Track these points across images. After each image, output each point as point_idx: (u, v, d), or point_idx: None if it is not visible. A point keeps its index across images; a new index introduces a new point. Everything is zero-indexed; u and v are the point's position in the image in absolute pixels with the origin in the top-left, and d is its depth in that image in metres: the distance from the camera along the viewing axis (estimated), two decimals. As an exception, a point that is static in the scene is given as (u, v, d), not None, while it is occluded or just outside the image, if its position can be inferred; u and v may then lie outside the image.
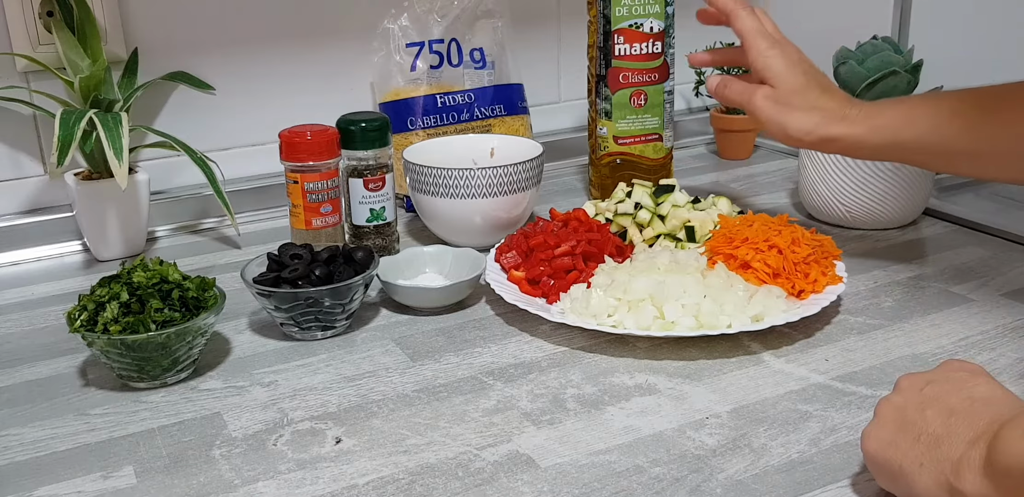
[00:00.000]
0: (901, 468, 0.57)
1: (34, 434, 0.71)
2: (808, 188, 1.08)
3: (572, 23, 1.31)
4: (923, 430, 0.57)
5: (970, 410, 0.56)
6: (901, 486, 0.58)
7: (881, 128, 0.83)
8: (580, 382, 0.77)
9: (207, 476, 0.66)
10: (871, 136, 0.83)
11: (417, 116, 1.14)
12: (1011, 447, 0.50)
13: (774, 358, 0.80)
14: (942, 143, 0.82)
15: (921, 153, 0.83)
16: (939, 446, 0.56)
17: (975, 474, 0.53)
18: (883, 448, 0.59)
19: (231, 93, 1.15)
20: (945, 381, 0.60)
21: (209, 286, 0.79)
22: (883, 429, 0.59)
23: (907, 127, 0.82)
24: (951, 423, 0.56)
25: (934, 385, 0.59)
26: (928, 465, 0.56)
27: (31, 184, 1.09)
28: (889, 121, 0.83)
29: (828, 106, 0.84)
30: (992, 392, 0.58)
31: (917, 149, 0.83)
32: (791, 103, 0.85)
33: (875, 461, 0.60)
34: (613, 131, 1.11)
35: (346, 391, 0.76)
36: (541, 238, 0.91)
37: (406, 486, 0.64)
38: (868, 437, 0.60)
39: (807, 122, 0.84)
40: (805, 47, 0.89)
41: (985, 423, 0.54)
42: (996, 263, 0.97)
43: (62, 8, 0.99)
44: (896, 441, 0.58)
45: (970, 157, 0.82)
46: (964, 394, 0.58)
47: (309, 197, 0.95)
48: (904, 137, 0.82)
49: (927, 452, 0.56)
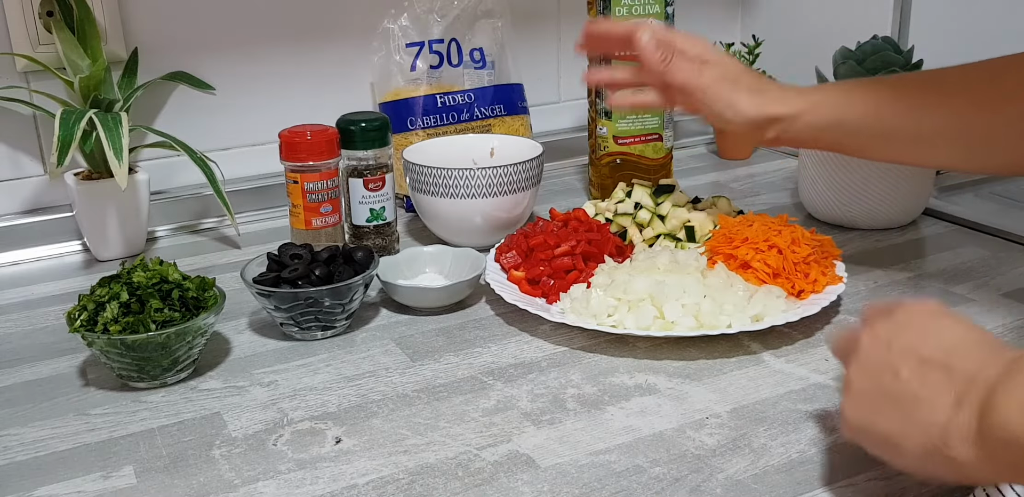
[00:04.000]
0: (887, 438, 0.56)
1: (34, 434, 0.71)
2: (808, 188, 1.08)
3: (572, 23, 1.31)
4: (901, 394, 0.55)
5: (946, 363, 0.54)
6: (889, 453, 0.56)
7: (820, 106, 0.82)
8: (580, 382, 0.77)
9: (207, 476, 0.66)
10: (810, 115, 0.82)
11: (417, 116, 1.14)
12: (1010, 421, 0.48)
13: (774, 358, 0.80)
14: (883, 125, 0.81)
15: (861, 136, 0.82)
16: (920, 408, 0.54)
17: (967, 443, 0.51)
18: (864, 423, 0.57)
19: (231, 93, 1.15)
20: (910, 330, 0.57)
21: (209, 286, 0.79)
22: (860, 402, 0.57)
23: (848, 107, 0.82)
24: (928, 381, 0.54)
25: (900, 337, 0.57)
26: (913, 431, 0.54)
27: (31, 184, 1.09)
28: (829, 100, 0.82)
29: (767, 89, 0.84)
30: (963, 334, 0.56)
31: (857, 131, 0.82)
32: (738, 81, 0.84)
33: (859, 438, 0.58)
34: (613, 131, 1.11)
35: (346, 391, 0.76)
36: (541, 238, 0.91)
37: (406, 486, 0.64)
38: (846, 416, 0.58)
39: (750, 101, 0.83)
40: (805, 47, 0.89)
41: (965, 379, 0.53)
42: (996, 263, 0.97)
43: (62, 8, 0.99)
44: (875, 411, 0.56)
45: (911, 140, 0.81)
46: (934, 343, 0.55)
47: (309, 197, 0.95)
48: (844, 117, 0.82)
49: (909, 417, 0.54)
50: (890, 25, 1.23)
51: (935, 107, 0.80)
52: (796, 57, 0.90)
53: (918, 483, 0.64)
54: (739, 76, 0.84)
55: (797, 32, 1.34)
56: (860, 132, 0.82)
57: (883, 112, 0.81)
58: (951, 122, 0.79)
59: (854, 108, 0.82)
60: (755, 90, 0.83)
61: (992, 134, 0.79)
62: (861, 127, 0.82)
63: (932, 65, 1.04)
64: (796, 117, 0.82)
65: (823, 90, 0.84)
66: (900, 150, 0.84)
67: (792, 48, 1.32)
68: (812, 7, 1.34)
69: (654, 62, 0.85)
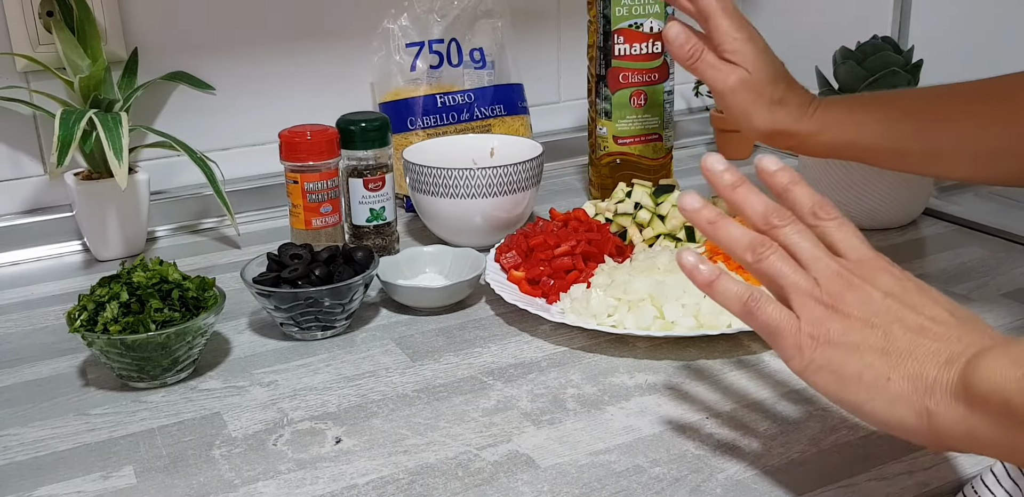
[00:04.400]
0: (860, 377, 0.54)
1: (34, 434, 0.71)
2: (808, 188, 1.07)
3: (572, 23, 1.31)
4: (890, 345, 0.54)
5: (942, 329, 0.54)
6: (850, 393, 0.54)
7: (834, 126, 0.82)
8: (580, 382, 0.77)
9: (207, 476, 0.66)
10: (823, 136, 0.83)
11: (417, 116, 1.14)
12: (993, 374, 0.48)
13: (774, 358, 0.80)
14: (895, 143, 0.81)
15: (873, 151, 0.83)
16: (907, 362, 0.53)
17: (948, 396, 0.51)
18: (843, 349, 0.55)
19: (231, 93, 1.15)
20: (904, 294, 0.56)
21: (209, 286, 0.79)
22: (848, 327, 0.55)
23: (860, 127, 0.82)
24: (920, 342, 0.54)
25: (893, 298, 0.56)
26: (896, 380, 0.53)
27: (31, 184, 1.09)
28: (842, 121, 0.82)
29: (792, 101, 0.83)
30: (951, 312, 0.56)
31: (869, 148, 0.83)
32: (762, 92, 0.82)
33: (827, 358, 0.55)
34: (613, 131, 1.11)
35: (346, 391, 0.76)
36: (541, 238, 0.91)
37: (406, 486, 0.64)
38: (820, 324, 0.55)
39: (771, 114, 0.83)
40: (805, 47, 0.89)
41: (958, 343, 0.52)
42: (996, 263, 0.97)
43: (62, 8, 0.99)
44: (859, 347, 0.54)
45: (922, 157, 0.82)
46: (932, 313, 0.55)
47: (309, 197, 0.95)
48: (857, 137, 0.82)
49: (895, 367, 0.53)
50: (890, 25, 1.23)
51: (947, 124, 0.80)
52: (796, 57, 0.90)
53: (918, 483, 0.64)
54: (763, 86, 0.82)
55: (797, 32, 1.34)
56: (874, 149, 0.83)
57: (895, 131, 0.81)
58: (964, 139, 0.80)
59: (866, 127, 0.82)
60: (775, 102, 0.82)
61: (1006, 149, 0.79)
62: (874, 145, 0.82)
63: (932, 65, 1.04)
64: (809, 136, 0.83)
65: (836, 108, 0.83)
66: (915, 164, 0.85)
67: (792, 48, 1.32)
68: (812, 7, 1.34)
69: (681, 59, 0.83)
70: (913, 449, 0.67)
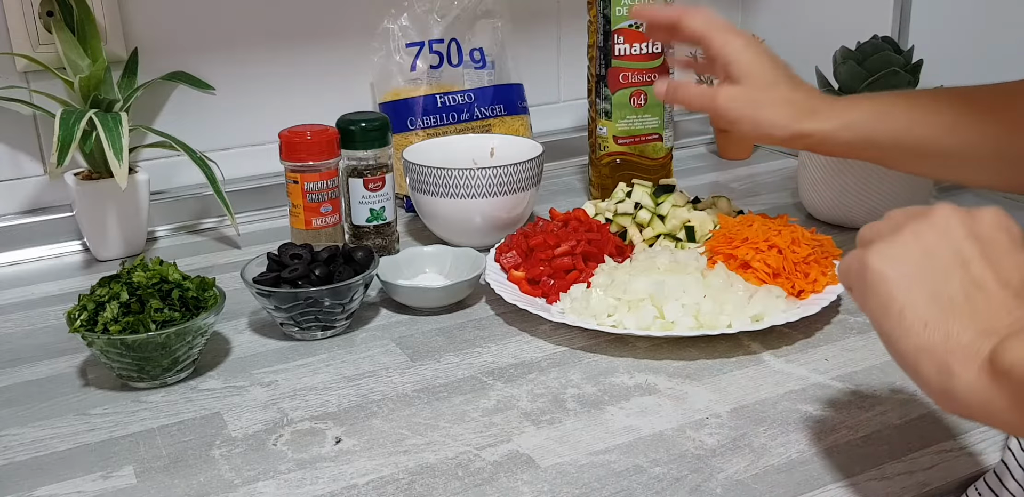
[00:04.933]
0: (902, 313, 0.52)
1: (34, 434, 0.71)
2: (808, 188, 1.08)
3: (572, 23, 1.31)
4: (944, 291, 0.51)
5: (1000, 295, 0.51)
6: (887, 322, 0.53)
7: (854, 124, 0.81)
8: (580, 382, 0.77)
9: (207, 476, 0.66)
10: (843, 132, 0.81)
11: (417, 116, 1.14)
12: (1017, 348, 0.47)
13: (774, 358, 0.80)
14: (917, 143, 0.80)
15: (894, 152, 0.81)
16: (949, 316, 0.51)
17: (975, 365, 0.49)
18: (895, 279, 0.52)
19: (231, 93, 1.15)
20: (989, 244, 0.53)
21: (209, 286, 0.79)
22: (906, 258, 0.53)
23: (881, 125, 0.80)
24: (972, 298, 0.51)
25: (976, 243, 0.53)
26: (933, 329, 0.51)
27: (31, 184, 1.09)
28: (863, 117, 0.81)
29: (798, 100, 0.82)
30: None
31: (890, 147, 0.81)
32: (759, 100, 0.82)
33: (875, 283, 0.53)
34: (613, 131, 1.11)
35: (346, 391, 0.76)
36: (541, 238, 0.91)
37: (406, 486, 0.64)
38: (882, 254, 0.53)
39: (779, 117, 0.81)
40: (805, 47, 0.89)
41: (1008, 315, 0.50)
42: (996, 263, 0.97)
43: (62, 8, 0.99)
44: (911, 282, 0.52)
45: (943, 158, 0.81)
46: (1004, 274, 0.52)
47: (309, 197, 0.95)
48: (878, 135, 0.80)
49: (938, 319, 0.51)
50: (890, 25, 1.23)
51: (969, 127, 0.79)
52: (796, 57, 0.90)
53: (918, 483, 0.64)
54: (759, 94, 0.82)
55: (797, 32, 1.34)
56: (893, 149, 0.81)
57: (916, 132, 0.80)
58: (985, 143, 0.78)
59: (887, 127, 0.80)
60: (783, 103, 0.81)
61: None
62: (894, 145, 0.81)
63: (932, 65, 1.04)
64: (828, 135, 0.81)
65: (857, 106, 0.82)
66: (933, 167, 0.83)
67: (792, 48, 1.32)
68: (812, 7, 1.34)
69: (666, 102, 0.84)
70: (913, 449, 0.67)
